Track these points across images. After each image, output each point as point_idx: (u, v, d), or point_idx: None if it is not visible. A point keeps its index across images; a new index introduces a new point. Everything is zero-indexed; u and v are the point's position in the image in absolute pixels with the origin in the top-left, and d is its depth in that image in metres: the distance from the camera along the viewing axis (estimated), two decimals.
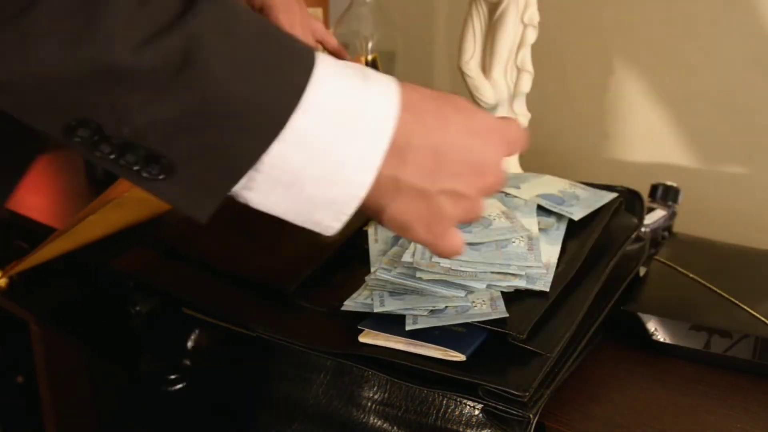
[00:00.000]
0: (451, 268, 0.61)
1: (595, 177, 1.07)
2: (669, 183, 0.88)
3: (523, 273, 0.61)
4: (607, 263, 0.65)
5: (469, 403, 0.55)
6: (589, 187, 0.73)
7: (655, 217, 0.84)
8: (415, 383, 0.56)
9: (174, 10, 0.37)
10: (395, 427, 0.57)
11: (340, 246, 0.72)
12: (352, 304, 0.62)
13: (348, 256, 0.71)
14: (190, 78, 0.37)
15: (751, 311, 0.66)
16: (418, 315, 0.59)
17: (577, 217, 0.67)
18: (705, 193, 0.99)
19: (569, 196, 0.71)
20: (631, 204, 0.74)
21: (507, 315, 0.57)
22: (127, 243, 0.80)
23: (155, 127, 0.37)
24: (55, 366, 1.06)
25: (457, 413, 0.55)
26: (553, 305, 0.60)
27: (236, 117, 0.38)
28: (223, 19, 0.38)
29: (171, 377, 0.71)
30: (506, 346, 0.57)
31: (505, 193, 0.71)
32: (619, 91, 1.05)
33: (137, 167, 0.38)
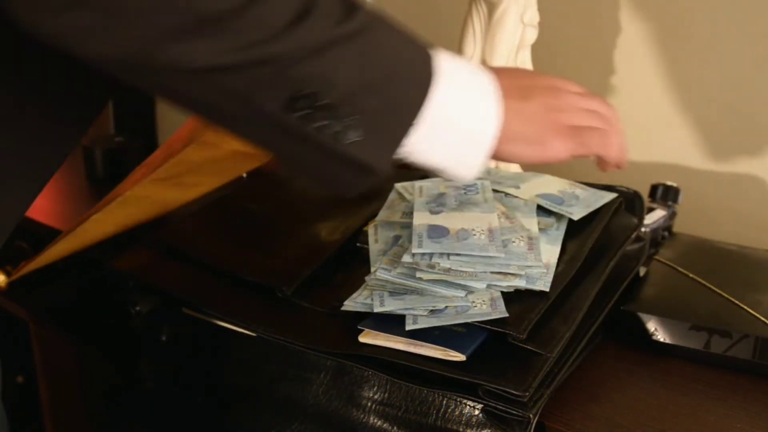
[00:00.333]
0: (451, 269, 0.61)
1: (595, 177, 1.07)
2: (669, 183, 0.88)
3: (523, 273, 0.61)
4: (607, 263, 0.65)
5: (469, 403, 0.55)
6: (588, 187, 0.73)
7: (655, 217, 0.84)
8: (415, 383, 0.57)
9: (347, 8, 0.47)
10: (395, 427, 0.57)
11: (340, 246, 0.72)
12: (352, 304, 0.62)
13: (348, 256, 0.71)
14: (375, 48, 0.48)
15: (751, 311, 0.66)
16: (418, 315, 0.59)
17: (576, 217, 0.67)
18: (705, 193, 0.99)
19: (569, 196, 0.71)
20: (631, 204, 0.74)
21: (507, 315, 0.57)
22: (127, 243, 0.80)
23: (357, 88, 0.47)
24: (54, 366, 1.06)
25: (457, 413, 0.55)
26: (553, 305, 0.60)
27: (401, 76, 0.49)
28: (376, 15, 0.49)
29: (170, 377, 0.71)
30: (506, 346, 0.57)
31: (505, 193, 0.70)
32: (619, 91, 1.05)
33: (340, 129, 0.47)
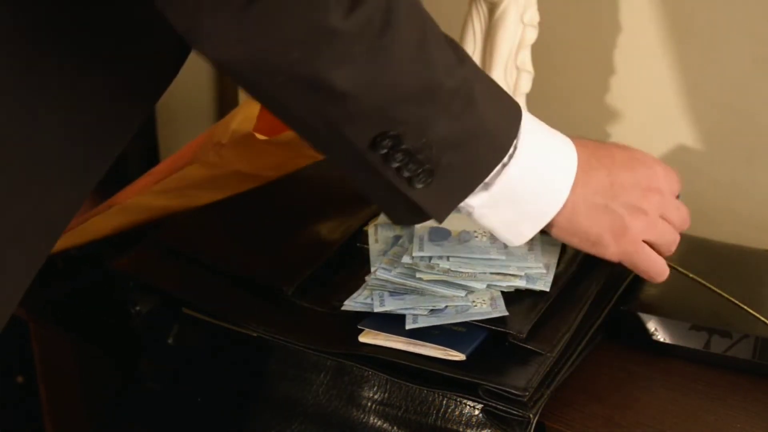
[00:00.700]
0: (451, 269, 0.61)
1: None
2: None
3: (522, 274, 0.61)
4: (607, 263, 0.65)
5: (469, 403, 0.55)
6: None
7: None
8: (415, 383, 0.57)
9: (455, 54, 0.48)
10: (395, 427, 0.57)
11: (340, 246, 0.72)
12: (352, 304, 0.62)
13: (348, 256, 0.71)
14: (471, 104, 0.48)
15: (751, 311, 0.66)
16: (418, 314, 0.59)
17: None
18: (705, 193, 0.98)
19: None
20: None
21: (507, 314, 0.58)
22: (127, 243, 0.80)
23: (440, 141, 0.47)
24: (54, 366, 1.06)
25: (457, 413, 0.55)
26: (553, 305, 0.60)
27: (487, 140, 0.49)
28: (476, 69, 0.50)
29: (170, 377, 0.71)
30: (506, 345, 0.57)
31: None
32: (620, 91, 1.05)
33: (414, 176, 0.47)
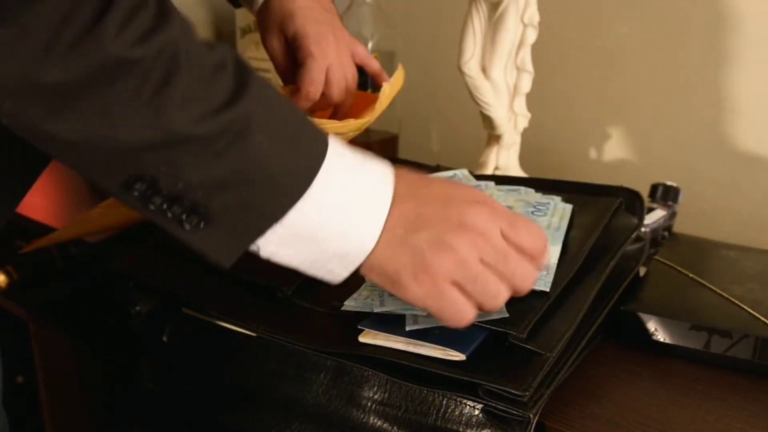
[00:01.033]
0: None
1: (595, 177, 1.07)
2: (669, 183, 0.88)
3: None
4: (607, 263, 0.65)
5: (469, 403, 0.55)
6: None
7: (655, 217, 0.84)
8: (415, 383, 0.57)
9: (229, 91, 0.43)
10: (395, 427, 0.57)
11: None
12: (352, 304, 0.62)
13: None
14: (239, 146, 0.43)
15: (751, 311, 0.66)
16: (419, 315, 0.59)
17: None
18: (705, 193, 0.99)
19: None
20: (632, 204, 0.74)
21: (507, 315, 0.57)
22: (127, 243, 0.80)
23: (205, 184, 0.43)
24: (54, 366, 1.06)
25: (457, 413, 0.55)
26: (554, 305, 0.60)
27: (269, 181, 0.45)
28: (265, 103, 0.45)
29: (170, 377, 0.71)
30: (506, 345, 0.57)
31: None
32: (619, 91, 1.05)
33: (180, 218, 0.44)
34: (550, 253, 0.64)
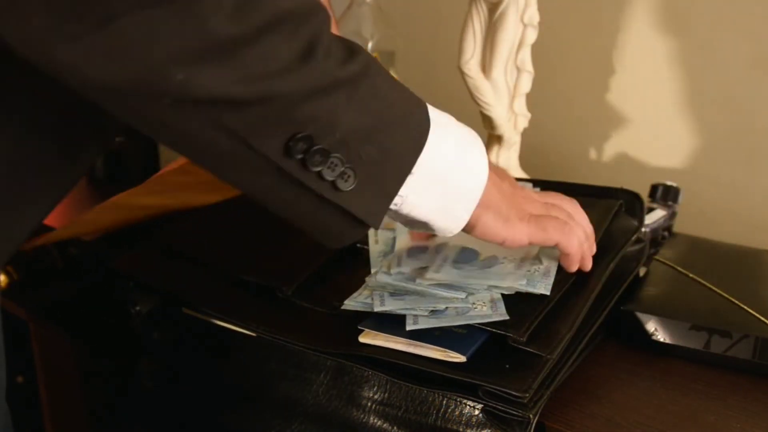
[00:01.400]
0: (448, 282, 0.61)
1: (595, 177, 1.08)
2: (669, 183, 0.88)
3: (524, 281, 0.61)
4: (607, 265, 0.65)
5: (469, 403, 0.55)
6: None
7: (655, 217, 0.84)
8: (415, 384, 0.56)
9: (347, 45, 0.47)
10: (395, 427, 0.57)
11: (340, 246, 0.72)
12: (352, 304, 0.62)
13: (348, 257, 0.71)
14: (373, 90, 0.46)
15: (751, 311, 0.66)
16: (419, 315, 0.59)
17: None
18: (705, 193, 0.99)
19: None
20: (632, 206, 0.74)
21: (507, 317, 0.57)
22: (127, 243, 0.80)
23: (355, 133, 0.46)
24: (54, 366, 1.06)
25: (457, 413, 0.55)
26: (554, 307, 0.60)
27: (402, 122, 0.48)
28: (374, 60, 0.48)
29: (170, 377, 0.71)
30: (506, 347, 0.57)
31: None
32: (619, 91, 1.05)
33: (335, 178, 0.46)
34: (550, 257, 0.64)
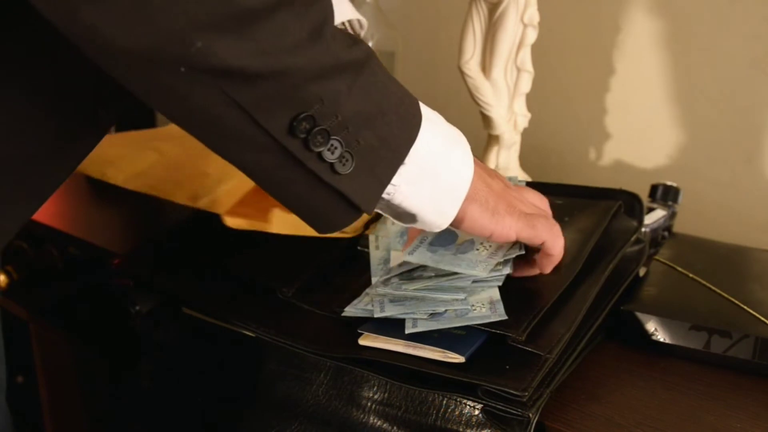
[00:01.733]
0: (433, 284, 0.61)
1: (595, 177, 1.08)
2: (669, 183, 0.88)
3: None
4: (607, 266, 0.65)
5: (469, 403, 0.55)
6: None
7: (655, 217, 0.84)
8: (415, 385, 0.56)
9: (349, 34, 0.48)
10: (395, 427, 0.57)
11: (341, 249, 0.72)
12: (352, 311, 0.62)
13: (349, 259, 0.71)
14: (372, 78, 0.48)
15: (751, 311, 0.66)
16: (418, 318, 0.59)
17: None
18: (705, 193, 0.99)
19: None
20: (631, 207, 0.74)
21: (506, 317, 0.58)
22: (127, 243, 0.80)
23: (356, 117, 0.47)
24: (54, 366, 1.06)
25: (457, 413, 0.55)
26: (553, 307, 0.60)
27: (398, 111, 0.49)
28: (370, 48, 0.49)
29: (170, 377, 0.71)
30: (506, 346, 0.57)
31: None
32: (619, 91, 1.05)
33: (334, 160, 0.47)
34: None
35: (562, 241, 0.61)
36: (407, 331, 0.58)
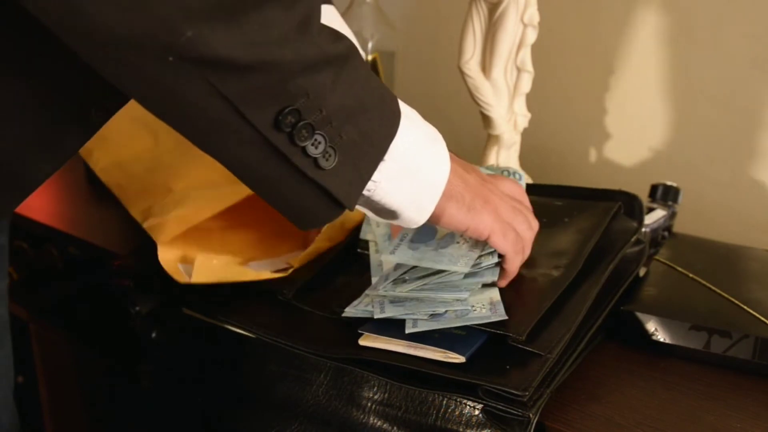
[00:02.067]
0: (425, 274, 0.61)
1: (595, 176, 1.08)
2: (669, 183, 0.88)
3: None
4: (607, 266, 0.65)
5: (469, 403, 0.55)
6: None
7: (655, 217, 0.84)
8: (415, 385, 0.57)
9: (334, 29, 0.48)
10: (395, 428, 0.57)
11: (340, 250, 0.72)
12: (352, 311, 0.62)
13: (349, 261, 0.71)
14: (354, 73, 0.48)
15: (751, 311, 0.66)
16: (419, 318, 0.59)
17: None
18: (705, 193, 0.99)
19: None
20: (630, 208, 0.74)
21: (506, 317, 0.58)
22: (127, 243, 0.80)
23: (340, 111, 0.47)
24: (54, 366, 1.06)
25: (457, 413, 0.55)
26: (553, 308, 0.60)
27: (379, 106, 0.50)
28: (354, 45, 0.50)
29: (170, 377, 0.71)
30: (506, 347, 0.57)
31: None
32: (619, 90, 1.05)
33: (318, 155, 0.47)
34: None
35: (521, 260, 0.61)
36: (407, 330, 0.58)
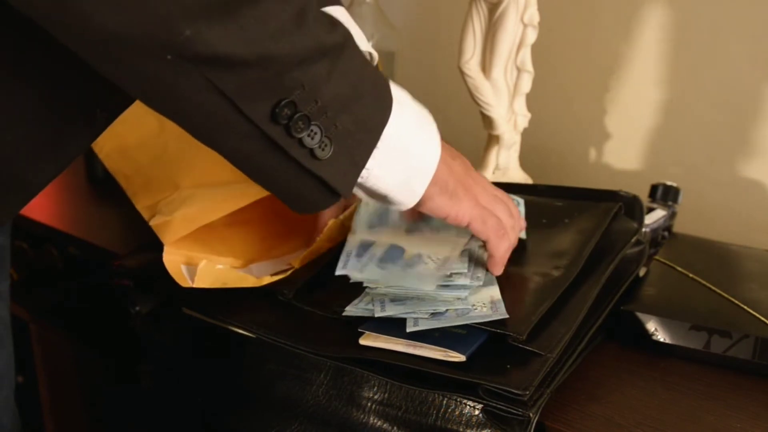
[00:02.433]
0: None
1: (595, 177, 1.08)
2: (669, 183, 0.88)
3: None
4: (607, 267, 0.65)
5: (469, 402, 0.55)
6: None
7: (655, 217, 0.84)
8: (415, 385, 0.56)
9: (330, 17, 0.48)
10: (395, 427, 0.57)
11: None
12: (353, 310, 0.62)
13: None
14: (349, 62, 0.48)
15: (751, 311, 0.66)
16: (419, 317, 0.59)
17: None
18: (705, 193, 0.99)
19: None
20: (631, 208, 0.74)
21: (507, 316, 0.58)
22: (127, 243, 0.80)
23: (335, 100, 0.47)
24: (54, 366, 1.06)
25: (457, 413, 0.55)
26: (553, 308, 0.60)
27: (373, 93, 0.50)
28: (349, 33, 0.50)
29: (170, 377, 0.71)
30: (507, 346, 0.57)
31: None
32: (620, 90, 1.05)
33: (314, 145, 0.47)
34: (478, 259, 0.65)
35: (506, 245, 0.61)
36: (408, 329, 0.58)
